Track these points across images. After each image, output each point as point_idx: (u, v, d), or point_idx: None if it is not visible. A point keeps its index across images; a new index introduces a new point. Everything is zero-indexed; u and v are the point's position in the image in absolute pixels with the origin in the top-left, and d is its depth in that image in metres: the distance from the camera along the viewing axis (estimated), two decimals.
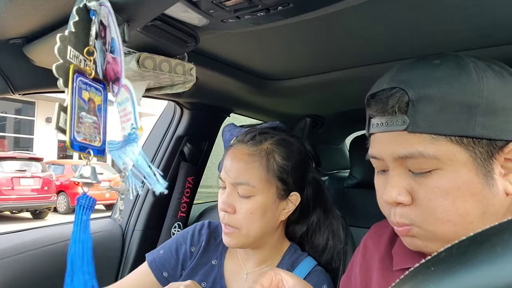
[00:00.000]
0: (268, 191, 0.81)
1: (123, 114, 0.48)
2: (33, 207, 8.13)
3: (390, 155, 0.52)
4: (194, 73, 0.77)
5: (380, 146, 0.54)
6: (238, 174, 0.81)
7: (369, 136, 0.58)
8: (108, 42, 0.48)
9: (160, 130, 1.39)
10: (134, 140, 0.45)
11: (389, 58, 0.91)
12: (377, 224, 0.73)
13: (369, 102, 0.55)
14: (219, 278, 0.87)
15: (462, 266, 0.22)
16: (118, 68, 0.47)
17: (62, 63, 0.44)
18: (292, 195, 0.84)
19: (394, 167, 0.53)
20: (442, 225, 0.49)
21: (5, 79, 0.75)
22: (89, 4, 0.48)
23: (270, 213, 0.81)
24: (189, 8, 0.59)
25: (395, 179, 0.52)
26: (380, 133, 0.54)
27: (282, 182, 0.82)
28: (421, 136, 0.49)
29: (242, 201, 0.80)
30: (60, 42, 0.44)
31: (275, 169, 0.82)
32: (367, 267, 0.68)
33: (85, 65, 0.47)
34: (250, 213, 0.79)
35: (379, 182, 0.58)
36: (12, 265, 0.96)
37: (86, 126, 0.46)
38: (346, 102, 1.39)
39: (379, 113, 0.54)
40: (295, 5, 0.57)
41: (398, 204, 0.52)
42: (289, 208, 0.85)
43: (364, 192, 1.70)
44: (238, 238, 0.81)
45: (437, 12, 0.68)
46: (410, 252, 0.60)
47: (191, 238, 0.93)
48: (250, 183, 0.79)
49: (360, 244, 0.73)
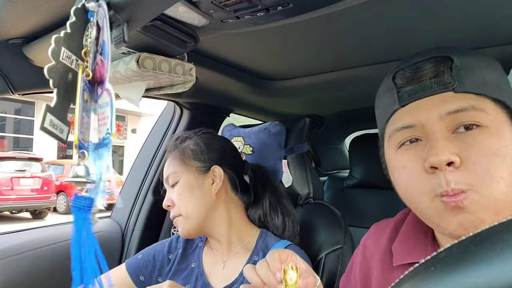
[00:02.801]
0: (188, 171, 0.93)
1: (101, 118, 0.48)
2: (33, 207, 8.13)
3: (437, 115, 0.52)
4: (194, 73, 0.77)
5: (423, 111, 0.53)
6: (165, 171, 0.96)
7: (401, 107, 0.56)
8: (100, 44, 0.48)
9: (160, 130, 1.39)
10: (106, 145, 0.46)
11: (389, 58, 0.91)
12: (376, 224, 0.73)
13: (403, 72, 0.56)
14: (199, 276, 0.93)
15: (461, 265, 0.22)
16: (104, 71, 0.47)
17: (54, 64, 0.44)
18: (213, 168, 0.94)
19: (438, 130, 0.52)
20: (498, 184, 0.48)
21: (5, 79, 0.75)
22: (87, 5, 0.48)
23: (197, 189, 0.92)
24: (188, 8, 0.59)
25: (441, 140, 0.50)
26: (420, 100, 0.54)
27: (199, 161, 0.94)
28: (467, 95, 0.52)
29: (174, 190, 0.93)
30: (54, 44, 0.44)
31: (189, 153, 0.95)
32: (366, 266, 0.68)
33: (77, 65, 0.47)
34: (180, 194, 0.91)
35: (408, 157, 0.54)
36: (11, 265, 0.96)
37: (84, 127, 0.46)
38: (345, 102, 1.39)
39: (417, 81, 0.54)
40: (295, 5, 0.57)
41: (447, 167, 0.49)
42: (216, 181, 0.94)
43: (364, 192, 1.70)
44: (183, 223, 0.91)
45: (437, 12, 0.68)
46: (410, 247, 0.60)
47: (169, 246, 1.01)
48: (172, 171, 0.94)
49: (360, 244, 0.73)
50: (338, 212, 1.16)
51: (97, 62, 0.49)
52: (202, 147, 0.96)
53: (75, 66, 0.47)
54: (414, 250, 0.59)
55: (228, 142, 1.06)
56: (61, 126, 0.46)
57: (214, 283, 0.90)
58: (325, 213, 1.16)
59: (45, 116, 0.43)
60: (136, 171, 1.37)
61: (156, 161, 1.35)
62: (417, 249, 0.59)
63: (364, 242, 0.72)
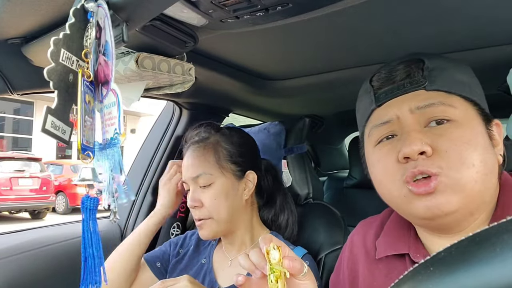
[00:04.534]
0: (224, 175, 0.89)
1: (108, 118, 0.48)
2: (32, 207, 8.12)
3: (407, 109, 0.56)
4: (193, 73, 0.77)
5: (396, 107, 0.57)
6: (194, 169, 0.89)
7: (378, 107, 0.60)
8: (102, 44, 0.48)
9: (159, 130, 1.39)
10: (115, 145, 0.46)
11: (389, 58, 0.90)
12: (363, 220, 0.76)
13: (379, 74, 0.61)
14: (208, 272, 0.93)
15: (461, 266, 0.22)
16: (109, 71, 0.47)
17: (54, 66, 0.44)
18: (248, 173, 0.92)
19: (411, 123, 0.55)
20: (468, 170, 0.50)
21: (4, 79, 0.75)
22: (87, 5, 0.48)
23: (232, 194, 0.89)
24: (188, 8, 0.59)
25: (414, 133, 0.54)
26: (394, 98, 0.58)
27: (234, 164, 0.91)
28: (438, 93, 0.56)
29: (205, 191, 0.88)
30: (53, 46, 0.44)
31: (224, 154, 0.90)
32: (354, 261, 0.70)
33: (78, 66, 0.47)
34: (215, 198, 0.87)
35: (384, 151, 0.58)
36: (10, 265, 0.96)
37: (87, 129, 0.46)
38: (345, 102, 1.39)
39: (391, 82, 0.59)
40: (294, 5, 0.57)
41: (420, 156, 0.52)
42: (249, 187, 0.92)
43: (363, 192, 1.70)
44: (211, 227, 0.88)
45: (437, 12, 0.68)
46: (392, 241, 0.63)
47: (182, 241, 1.02)
48: (207, 172, 0.88)
49: (347, 240, 0.75)
50: (337, 212, 1.15)
51: (100, 63, 0.48)
52: (237, 148, 0.92)
53: (75, 67, 0.47)
54: (397, 242, 0.62)
55: (254, 140, 1.03)
56: (63, 127, 0.46)
57: (221, 281, 0.91)
58: (325, 213, 1.16)
59: (46, 118, 0.43)
60: (135, 171, 1.37)
61: (155, 161, 1.35)
62: (400, 241, 0.62)
63: (351, 238, 0.74)
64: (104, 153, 0.47)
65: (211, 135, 0.93)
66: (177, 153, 1.36)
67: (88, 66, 0.48)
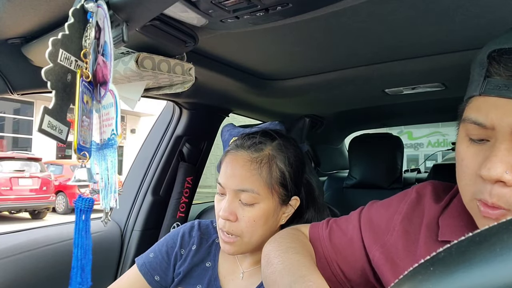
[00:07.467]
0: (271, 198, 0.79)
1: (105, 118, 0.48)
2: (32, 207, 8.11)
3: (508, 125, 0.44)
4: (193, 73, 0.77)
5: (498, 112, 0.45)
6: (241, 181, 0.78)
7: (479, 95, 0.48)
8: (101, 45, 0.48)
9: (159, 130, 1.39)
10: (112, 145, 0.46)
11: (389, 58, 0.91)
12: (437, 183, 0.65)
13: (501, 58, 0.46)
14: (213, 280, 0.86)
15: (461, 266, 0.22)
16: (107, 71, 0.47)
17: (52, 66, 0.44)
18: (293, 199, 0.83)
19: (505, 140, 0.45)
20: None
21: (4, 79, 0.75)
22: (86, 5, 0.48)
23: (272, 219, 0.80)
24: (188, 8, 0.59)
25: (503, 153, 0.45)
26: (503, 98, 0.45)
27: (284, 188, 0.81)
28: None
29: (245, 208, 0.78)
30: (51, 46, 0.44)
31: (277, 176, 0.80)
32: (415, 228, 0.61)
33: (76, 66, 0.47)
34: (254, 220, 0.78)
35: (470, 152, 0.50)
36: (10, 265, 0.96)
37: (84, 129, 0.46)
38: (345, 102, 1.39)
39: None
40: (294, 5, 0.57)
41: (498, 182, 0.44)
42: (288, 212, 0.84)
43: (363, 192, 1.70)
44: (239, 246, 0.79)
45: (437, 12, 0.68)
46: (459, 225, 0.56)
47: (181, 240, 0.91)
48: (255, 190, 0.77)
49: (413, 193, 0.64)
50: (337, 212, 1.15)
51: (99, 63, 0.48)
52: (290, 172, 0.82)
53: (74, 67, 0.47)
54: (462, 229, 0.55)
55: (304, 156, 0.91)
56: (60, 127, 0.46)
57: None
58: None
59: (43, 118, 0.43)
60: (135, 171, 1.37)
61: (155, 161, 1.35)
62: (468, 228, 0.54)
63: (421, 199, 0.63)
64: (100, 153, 0.47)
65: (267, 146, 0.82)
66: (177, 153, 1.36)
67: (87, 66, 0.48)
